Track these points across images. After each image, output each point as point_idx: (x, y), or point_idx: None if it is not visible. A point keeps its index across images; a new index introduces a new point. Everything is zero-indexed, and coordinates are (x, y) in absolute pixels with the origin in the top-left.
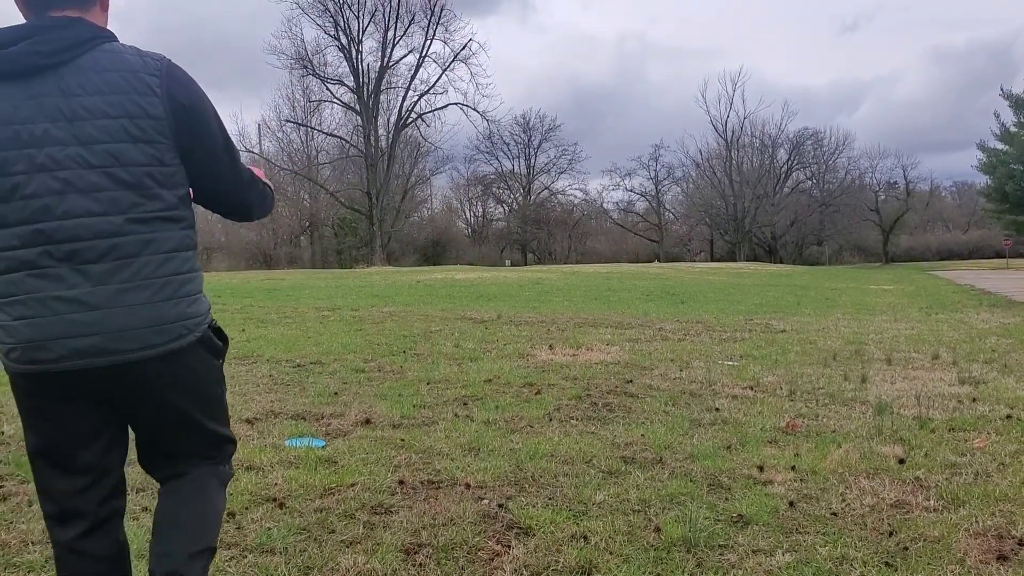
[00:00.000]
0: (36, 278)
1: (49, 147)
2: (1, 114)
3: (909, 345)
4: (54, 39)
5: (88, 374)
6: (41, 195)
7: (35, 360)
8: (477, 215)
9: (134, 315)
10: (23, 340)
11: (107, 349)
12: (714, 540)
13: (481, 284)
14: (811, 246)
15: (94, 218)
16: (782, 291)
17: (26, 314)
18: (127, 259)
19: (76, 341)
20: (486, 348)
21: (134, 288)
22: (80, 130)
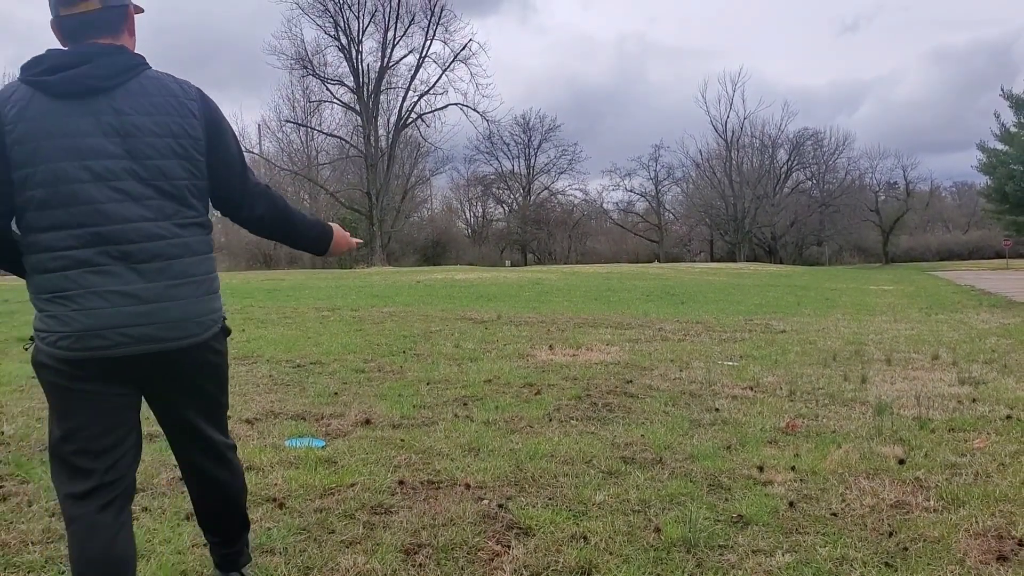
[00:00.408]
0: (93, 274)
1: (105, 159)
2: (62, 128)
3: (909, 345)
4: (107, 64)
5: (139, 360)
6: (99, 201)
7: (91, 347)
8: (477, 215)
9: (179, 308)
10: (79, 329)
11: (157, 337)
12: (714, 540)
13: (481, 284)
14: (811, 246)
15: (145, 223)
16: (782, 291)
17: (85, 306)
18: (172, 260)
19: (132, 330)
20: (486, 348)
21: (178, 285)
22: (132, 146)
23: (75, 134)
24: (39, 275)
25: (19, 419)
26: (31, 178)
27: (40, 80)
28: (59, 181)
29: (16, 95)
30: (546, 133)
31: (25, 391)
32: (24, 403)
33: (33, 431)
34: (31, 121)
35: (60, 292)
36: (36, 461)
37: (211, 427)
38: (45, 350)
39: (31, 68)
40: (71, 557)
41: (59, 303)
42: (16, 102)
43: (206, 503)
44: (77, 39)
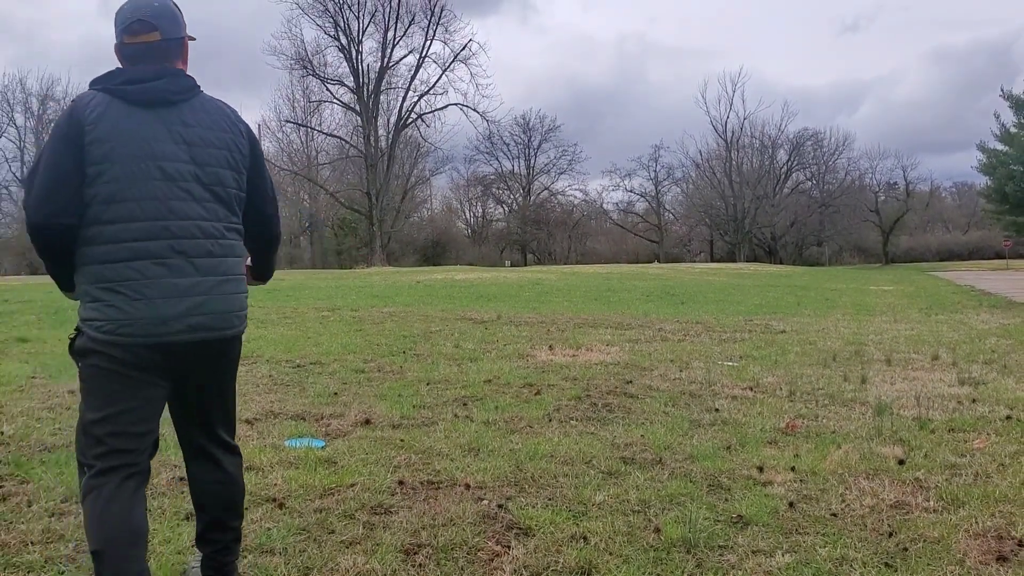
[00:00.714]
0: (157, 266)
1: (175, 162)
2: (138, 131)
3: (909, 346)
4: (176, 82)
5: (193, 347)
6: (168, 198)
7: (153, 333)
8: (477, 215)
9: (226, 302)
10: (142, 317)
11: (210, 327)
12: (714, 541)
13: (481, 284)
14: (811, 247)
15: (204, 222)
16: (782, 292)
17: (148, 295)
18: (222, 258)
19: (190, 319)
20: (486, 348)
21: (226, 281)
22: (195, 154)
23: (149, 138)
24: (98, 265)
25: (19, 419)
26: (105, 173)
27: (119, 89)
28: (134, 177)
29: (94, 101)
30: (546, 133)
31: (25, 391)
32: (24, 403)
33: (33, 431)
34: (110, 123)
35: (123, 281)
36: (36, 461)
37: (229, 421)
38: (100, 338)
39: (110, 79)
40: (92, 524)
41: (121, 292)
42: (95, 107)
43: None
44: (135, 64)
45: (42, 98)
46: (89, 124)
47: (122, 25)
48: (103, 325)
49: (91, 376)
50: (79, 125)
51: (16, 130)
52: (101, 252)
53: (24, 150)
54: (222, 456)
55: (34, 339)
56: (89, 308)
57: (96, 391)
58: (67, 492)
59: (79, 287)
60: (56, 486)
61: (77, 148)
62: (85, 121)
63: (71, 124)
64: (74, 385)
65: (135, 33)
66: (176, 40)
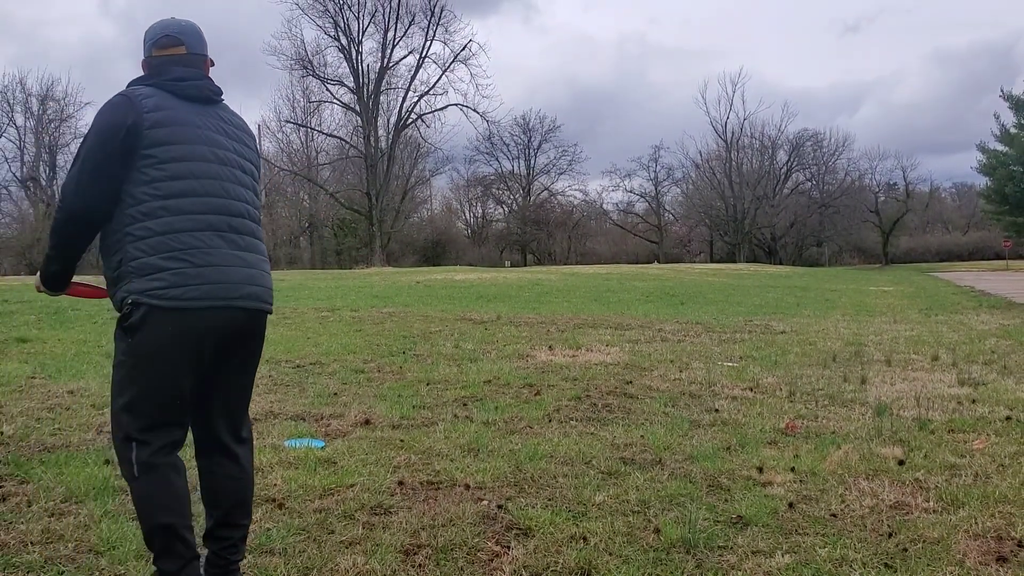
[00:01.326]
0: (217, 237)
1: (224, 150)
2: (193, 120)
3: (909, 346)
4: (214, 85)
5: (248, 315)
6: (223, 179)
7: (217, 296)
8: (477, 216)
9: (266, 279)
10: (208, 280)
11: (261, 298)
12: (713, 541)
13: (481, 285)
14: (811, 247)
15: (246, 205)
16: (782, 292)
17: (212, 262)
18: (257, 239)
19: (245, 288)
20: (486, 349)
21: (263, 260)
22: (235, 147)
23: (203, 127)
24: (159, 236)
25: (19, 419)
26: (171, 151)
27: (169, 84)
28: (194, 157)
29: (146, 92)
30: (546, 134)
31: (24, 391)
32: (24, 403)
33: (32, 431)
34: (167, 111)
35: (188, 249)
36: (35, 461)
37: (246, 411)
38: (164, 305)
39: (159, 76)
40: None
41: (187, 259)
42: (149, 96)
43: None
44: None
45: (42, 98)
46: (148, 111)
47: (152, 40)
48: (170, 291)
49: (143, 349)
50: (136, 110)
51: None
52: (163, 224)
53: (24, 150)
54: (239, 450)
55: (34, 339)
56: (150, 279)
57: (148, 363)
58: (67, 492)
59: (128, 264)
60: (56, 486)
61: (131, 132)
62: (143, 108)
63: (129, 111)
64: (74, 386)
65: (164, 47)
66: (200, 56)
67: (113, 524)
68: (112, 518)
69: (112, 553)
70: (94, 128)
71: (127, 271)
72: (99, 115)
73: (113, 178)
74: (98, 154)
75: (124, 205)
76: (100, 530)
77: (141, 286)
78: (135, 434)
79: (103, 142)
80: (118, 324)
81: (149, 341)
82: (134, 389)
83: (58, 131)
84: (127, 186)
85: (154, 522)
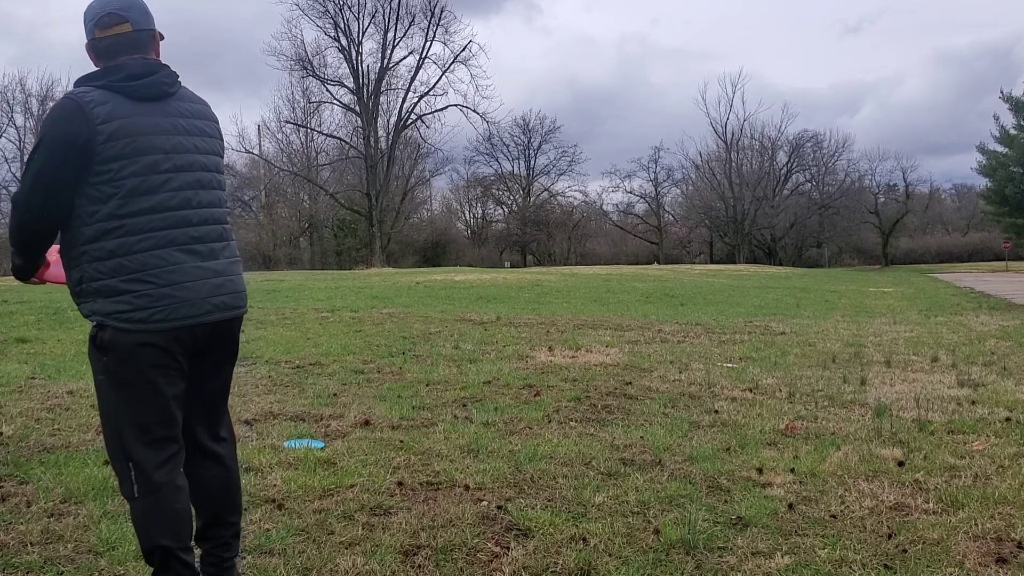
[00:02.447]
0: (181, 252)
1: (184, 153)
2: (148, 126)
3: (908, 348)
4: (169, 74)
5: (216, 326)
6: (184, 189)
7: (185, 315)
8: (476, 216)
9: (237, 282)
10: (173, 301)
11: (231, 305)
12: (713, 542)
13: (480, 286)
14: (811, 248)
15: (214, 209)
16: (781, 293)
17: (175, 280)
18: (227, 241)
19: (214, 299)
20: (485, 350)
21: (233, 262)
22: (196, 143)
23: (159, 131)
24: (119, 258)
25: (18, 420)
26: (125, 168)
27: (122, 85)
28: (152, 171)
29: (98, 97)
30: (546, 134)
31: (24, 392)
32: (23, 404)
33: (32, 432)
34: (122, 120)
35: (149, 270)
36: (35, 462)
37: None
38: (131, 328)
39: (110, 75)
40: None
41: (149, 280)
42: (101, 103)
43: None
44: (112, 58)
45: (42, 98)
46: (101, 122)
47: (93, 20)
48: (135, 314)
49: (120, 370)
50: (90, 124)
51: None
52: (121, 244)
53: (24, 150)
54: (220, 449)
55: (33, 339)
56: (114, 302)
57: (129, 384)
58: (66, 493)
59: (89, 284)
60: (55, 487)
61: (84, 149)
62: (95, 118)
63: (80, 123)
64: (73, 386)
65: (107, 26)
66: (148, 31)
67: (112, 524)
68: (112, 518)
69: (112, 553)
70: (46, 141)
71: (89, 290)
72: (50, 124)
73: (65, 192)
74: (50, 169)
75: (79, 222)
76: (100, 530)
77: (106, 308)
78: (131, 454)
79: (55, 157)
80: (90, 339)
81: (122, 362)
82: (119, 410)
83: None
84: (80, 200)
85: (153, 543)
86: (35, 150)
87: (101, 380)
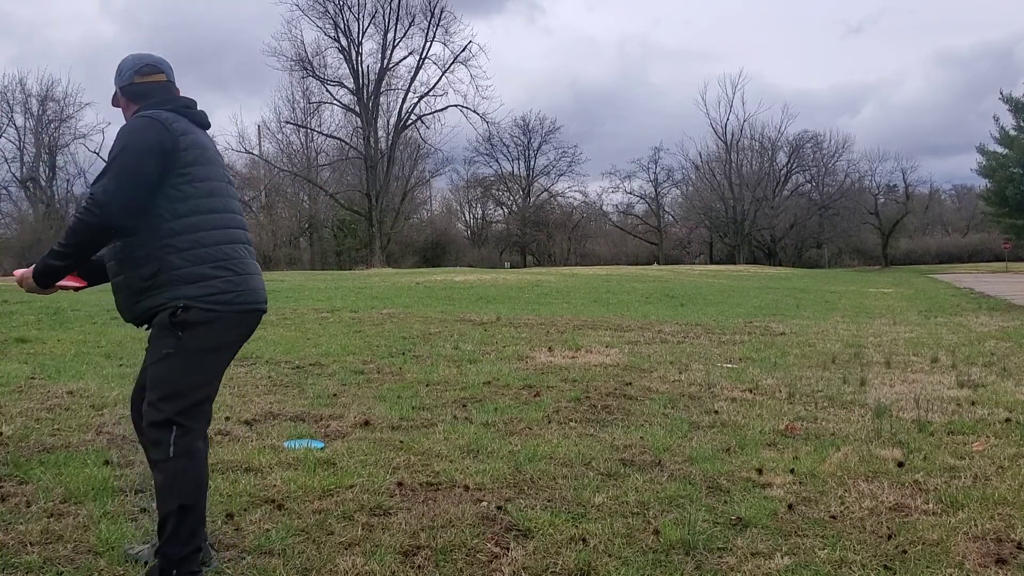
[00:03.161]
0: (243, 248)
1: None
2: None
3: (908, 348)
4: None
5: (260, 316)
6: (233, 198)
7: (255, 301)
8: (476, 217)
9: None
10: (249, 288)
11: (266, 299)
12: (713, 543)
13: (480, 286)
14: (810, 249)
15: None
16: (781, 294)
17: (248, 271)
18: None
19: (263, 293)
20: (485, 350)
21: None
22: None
23: (213, 151)
24: (205, 248)
25: (18, 420)
26: (201, 172)
27: (184, 111)
28: (215, 177)
29: (171, 116)
30: (546, 135)
31: (24, 392)
32: (23, 403)
33: (32, 432)
34: (192, 135)
35: (230, 259)
36: (35, 462)
37: None
38: (217, 309)
39: (172, 103)
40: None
41: (231, 268)
42: (176, 120)
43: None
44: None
45: (42, 99)
46: (180, 134)
47: (132, 68)
48: (221, 296)
49: (196, 345)
50: (172, 135)
51: (16, 130)
52: (206, 236)
53: (24, 151)
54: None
55: (33, 339)
56: (200, 286)
57: (198, 363)
58: (66, 493)
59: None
60: (55, 487)
61: (168, 154)
62: (176, 131)
63: (165, 134)
64: (73, 386)
65: (146, 74)
66: (174, 84)
67: (112, 525)
68: (111, 519)
69: (111, 554)
70: (132, 148)
71: (171, 279)
72: (134, 134)
73: (148, 191)
74: (138, 171)
75: (159, 219)
76: (99, 530)
77: (192, 292)
78: (177, 418)
79: (143, 160)
80: (164, 323)
81: (200, 338)
82: (183, 378)
83: (58, 132)
84: (160, 200)
85: (179, 502)
86: (117, 158)
87: (168, 354)
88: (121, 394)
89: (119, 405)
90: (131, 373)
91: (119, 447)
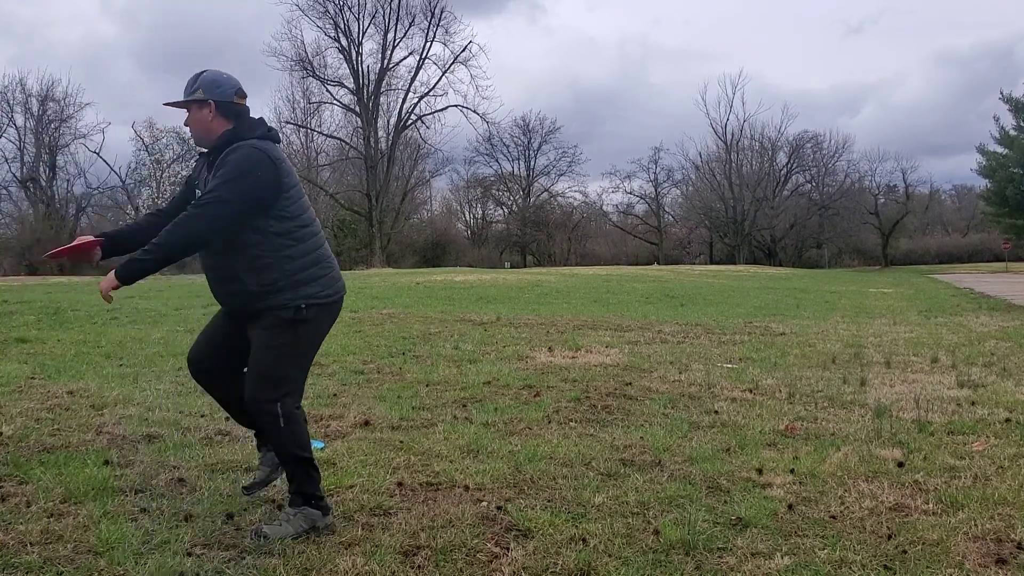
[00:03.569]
0: (330, 250)
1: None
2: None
3: (908, 348)
4: None
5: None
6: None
7: (342, 289)
8: (477, 217)
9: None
10: (340, 280)
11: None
12: (713, 543)
13: (480, 286)
14: (810, 249)
15: None
16: (781, 294)
17: (334, 266)
18: None
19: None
20: (485, 350)
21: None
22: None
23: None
24: (312, 253)
25: (18, 420)
26: (298, 193)
27: (271, 136)
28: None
29: (269, 147)
30: (546, 135)
31: (24, 392)
32: (23, 404)
33: (32, 432)
34: (284, 160)
35: (327, 258)
36: (35, 462)
37: None
38: (326, 303)
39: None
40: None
41: (330, 267)
42: (273, 150)
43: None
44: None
45: (42, 98)
46: (279, 161)
47: (235, 89)
48: (325, 292)
49: (310, 335)
50: (277, 167)
51: (16, 130)
52: (312, 244)
53: (24, 151)
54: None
55: (33, 339)
56: (314, 286)
57: (308, 348)
58: (66, 493)
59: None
60: (55, 487)
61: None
62: (278, 158)
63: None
64: (73, 386)
65: (243, 96)
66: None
67: (112, 525)
68: (111, 519)
69: (111, 554)
70: (249, 179)
71: (294, 282)
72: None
73: (256, 212)
74: (250, 200)
75: (271, 235)
76: (99, 531)
77: (309, 291)
78: (283, 397)
79: (257, 191)
80: (283, 320)
81: (314, 330)
82: (292, 366)
83: (58, 132)
84: (268, 221)
85: (298, 456)
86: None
87: (283, 344)
88: (121, 394)
89: (119, 405)
90: (131, 373)
91: (119, 447)
